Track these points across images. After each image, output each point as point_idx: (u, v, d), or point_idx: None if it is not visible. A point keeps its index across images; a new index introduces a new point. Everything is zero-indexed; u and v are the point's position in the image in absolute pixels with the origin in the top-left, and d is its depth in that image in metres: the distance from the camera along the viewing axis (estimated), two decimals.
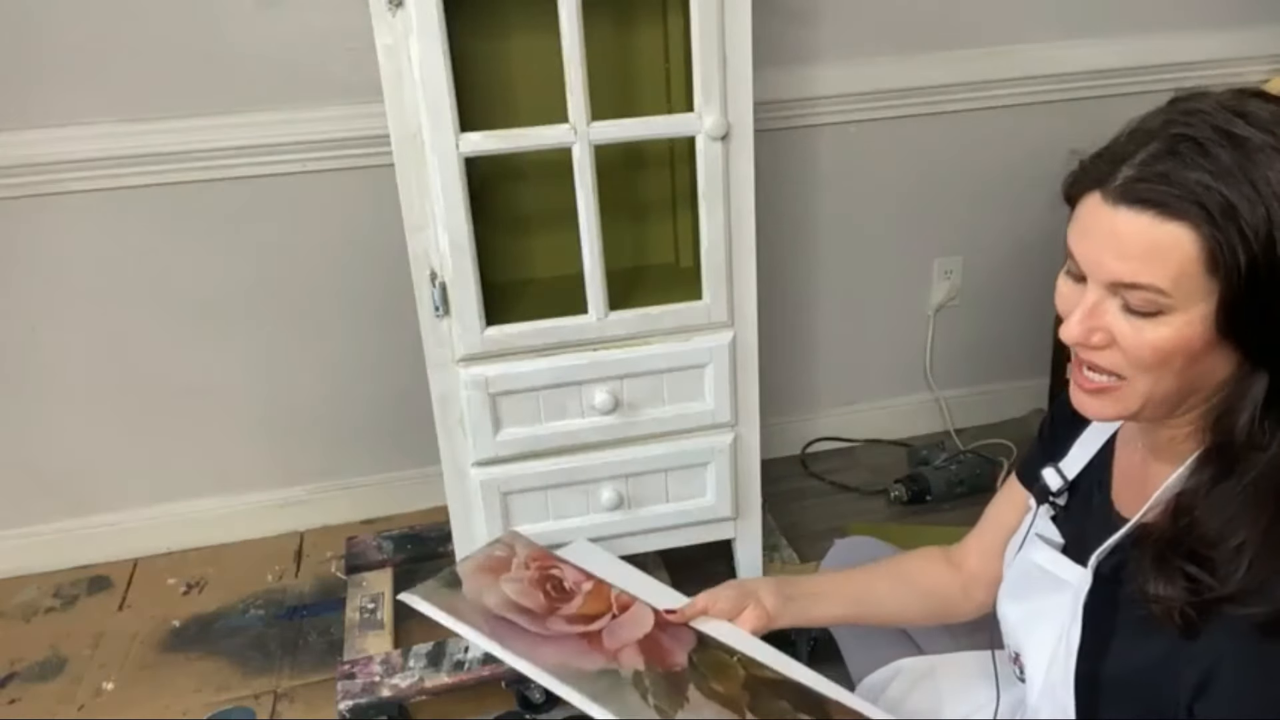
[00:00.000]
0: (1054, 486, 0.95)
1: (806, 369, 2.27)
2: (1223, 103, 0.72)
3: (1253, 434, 0.75)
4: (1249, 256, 0.68)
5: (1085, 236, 0.75)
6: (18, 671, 1.76)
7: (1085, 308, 0.75)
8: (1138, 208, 0.70)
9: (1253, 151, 0.69)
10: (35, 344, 1.88)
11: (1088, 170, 0.76)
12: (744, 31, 1.36)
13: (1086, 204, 0.75)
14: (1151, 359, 0.73)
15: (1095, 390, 0.79)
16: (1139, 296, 0.72)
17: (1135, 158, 0.72)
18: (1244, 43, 2.18)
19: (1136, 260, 0.71)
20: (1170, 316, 0.71)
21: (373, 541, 1.99)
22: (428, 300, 1.41)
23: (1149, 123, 0.74)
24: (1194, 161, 0.69)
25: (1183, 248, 0.69)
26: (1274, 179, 0.68)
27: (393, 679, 1.57)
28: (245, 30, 1.74)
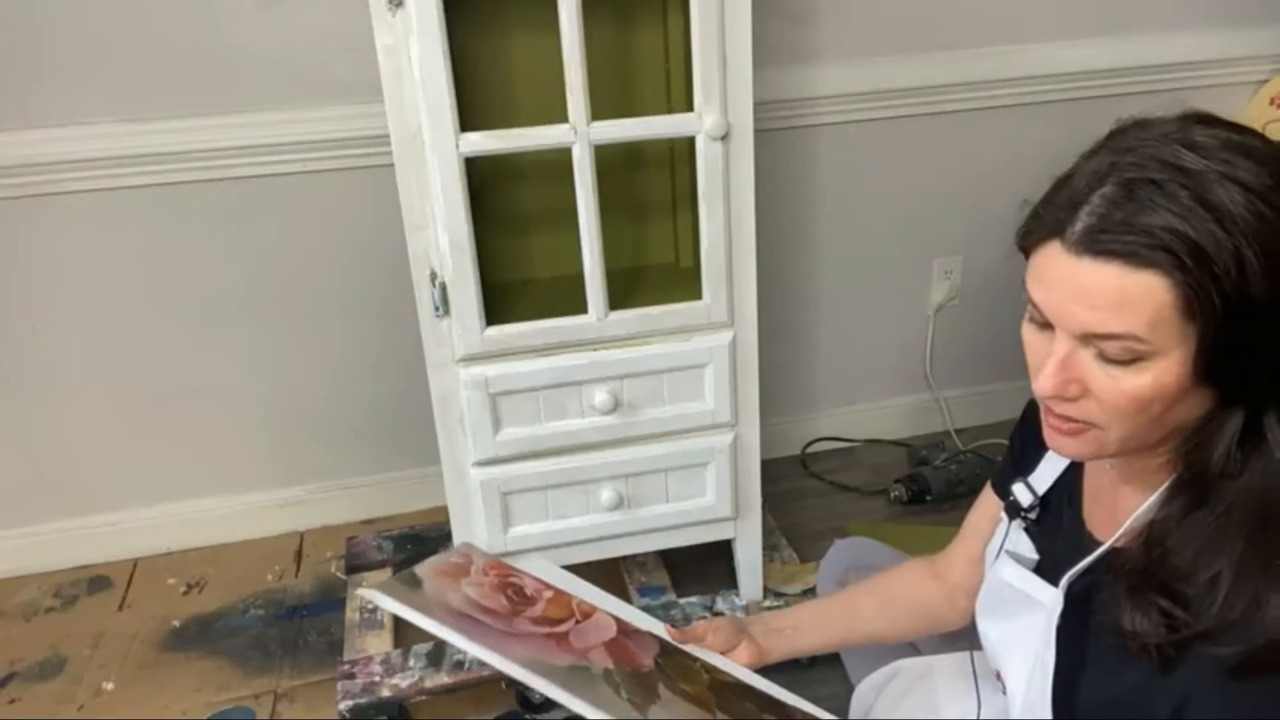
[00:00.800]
0: (1025, 502, 0.94)
1: (806, 369, 2.27)
2: (1168, 135, 0.70)
3: (1227, 465, 0.73)
4: (1223, 297, 0.66)
5: (1050, 288, 0.72)
6: (18, 671, 1.76)
7: (1058, 359, 0.72)
8: (1104, 258, 0.68)
9: (1209, 185, 0.66)
10: (35, 344, 1.88)
11: (1042, 219, 0.73)
12: (744, 31, 1.36)
13: (1046, 253, 0.72)
14: (1129, 407, 0.71)
15: (1070, 432, 0.76)
16: (1115, 346, 0.69)
17: (1090, 203, 0.69)
18: (1244, 43, 2.18)
19: (1109, 311, 0.68)
20: (1148, 363, 0.69)
21: (373, 541, 1.99)
22: (428, 300, 1.41)
23: (1097, 163, 0.71)
24: (1153, 204, 0.66)
25: (1156, 295, 0.67)
26: (1236, 211, 0.66)
27: (393, 679, 1.57)
28: (245, 30, 1.74)
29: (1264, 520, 0.71)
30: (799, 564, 1.85)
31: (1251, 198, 0.66)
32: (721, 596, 1.73)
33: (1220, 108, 2.36)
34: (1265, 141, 0.71)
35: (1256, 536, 0.71)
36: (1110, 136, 0.74)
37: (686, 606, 1.72)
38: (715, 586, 1.78)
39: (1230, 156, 0.67)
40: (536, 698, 1.62)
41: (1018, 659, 0.89)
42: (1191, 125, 0.71)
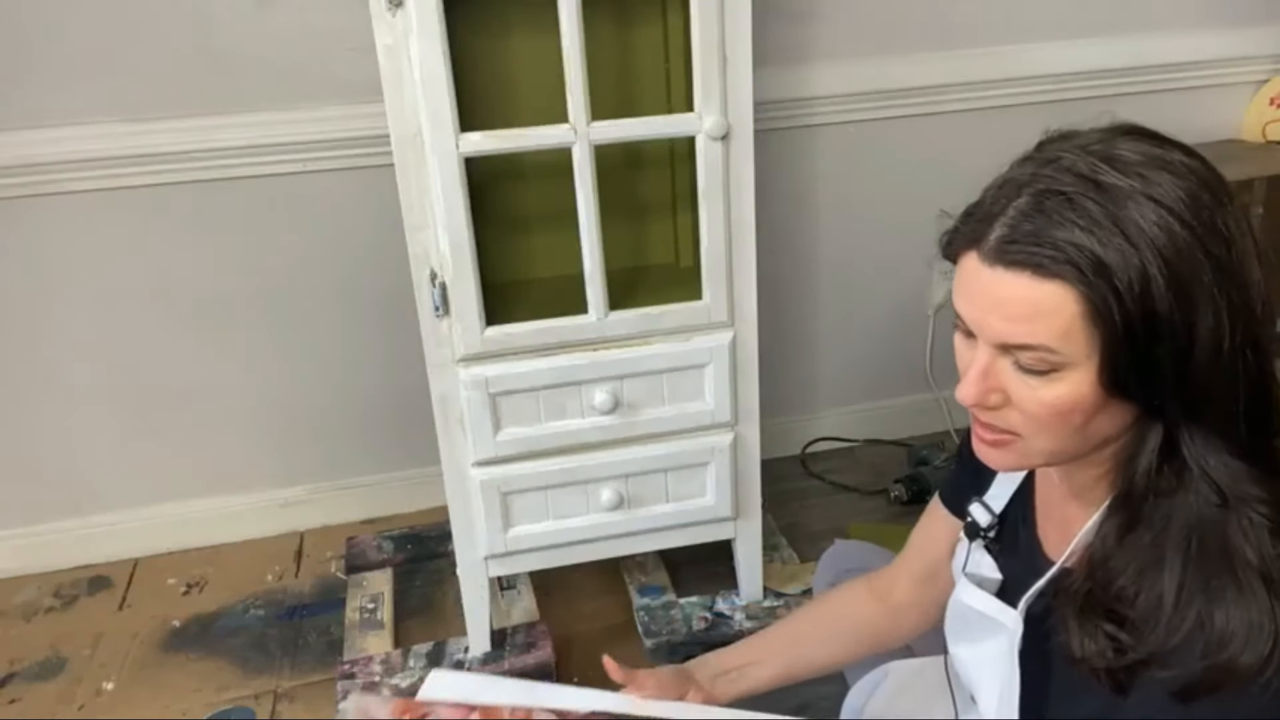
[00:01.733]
0: (983, 522, 0.93)
1: (806, 369, 2.27)
2: (1089, 148, 0.70)
3: (1153, 482, 0.73)
4: (1123, 311, 0.66)
5: (968, 298, 0.73)
6: (18, 671, 1.76)
7: (979, 368, 0.73)
8: (1014, 269, 0.68)
9: (1122, 200, 0.66)
10: (35, 343, 1.88)
11: (960, 230, 0.74)
12: (744, 31, 1.36)
13: (965, 264, 0.73)
14: (1048, 417, 0.72)
15: (994, 442, 0.77)
16: (1030, 356, 0.70)
17: (1005, 214, 0.70)
18: (1244, 43, 2.18)
19: (1021, 321, 0.69)
20: (1064, 374, 0.70)
21: (373, 541, 1.99)
22: (428, 300, 1.41)
23: (1017, 174, 0.72)
24: (1062, 217, 0.67)
25: (1065, 306, 0.67)
26: (1145, 227, 0.66)
27: (393, 679, 1.58)
28: (245, 30, 1.74)
29: (1201, 539, 0.71)
30: (799, 564, 1.85)
31: (1163, 214, 0.66)
32: (721, 596, 1.74)
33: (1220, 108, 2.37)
34: (1189, 155, 0.70)
35: (1194, 556, 0.70)
36: (1038, 147, 0.74)
37: (686, 606, 1.72)
38: (715, 586, 1.78)
39: (1148, 172, 0.67)
40: None
41: (988, 681, 0.89)
42: (1116, 138, 0.71)
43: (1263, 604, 0.67)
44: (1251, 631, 0.67)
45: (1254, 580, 0.68)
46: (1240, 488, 0.70)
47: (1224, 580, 0.69)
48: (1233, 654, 0.67)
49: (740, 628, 1.66)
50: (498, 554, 1.57)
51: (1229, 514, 0.70)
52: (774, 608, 1.70)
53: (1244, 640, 0.67)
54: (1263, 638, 0.67)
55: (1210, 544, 0.70)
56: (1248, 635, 0.67)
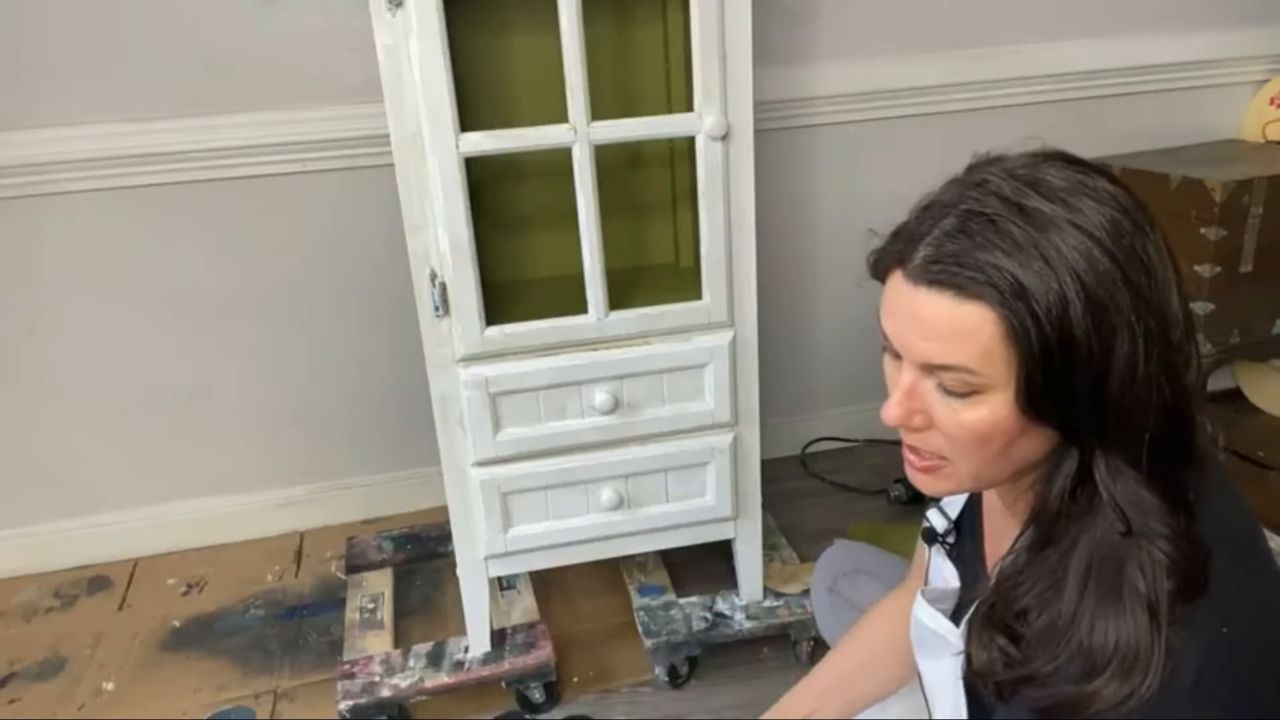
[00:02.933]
0: (939, 528, 0.94)
1: (806, 369, 2.27)
2: (1014, 172, 0.70)
3: (1066, 505, 0.73)
4: (1041, 335, 0.66)
5: (892, 317, 0.74)
6: (18, 671, 1.76)
7: (903, 389, 0.74)
8: (936, 289, 0.69)
9: (1044, 224, 0.67)
10: (35, 344, 1.88)
11: (887, 249, 0.75)
12: (744, 31, 1.36)
13: (891, 283, 0.74)
14: (970, 440, 0.72)
15: (924, 468, 0.78)
16: (951, 377, 0.70)
17: (931, 235, 0.70)
18: (1244, 43, 2.18)
19: (942, 341, 0.69)
20: (984, 396, 0.70)
21: (373, 541, 1.99)
22: (428, 300, 1.41)
23: (944, 196, 0.72)
24: (985, 239, 0.67)
25: (984, 328, 0.67)
26: (1066, 252, 0.66)
27: (393, 679, 1.57)
28: (245, 30, 1.74)
29: (1099, 564, 0.71)
30: (799, 564, 1.84)
31: (1085, 240, 0.66)
32: (721, 596, 1.74)
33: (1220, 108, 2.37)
34: (1114, 183, 0.70)
35: (1091, 581, 0.71)
36: (967, 170, 0.75)
37: (686, 606, 1.72)
38: (715, 586, 1.78)
39: (1071, 198, 0.68)
40: (537, 697, 1.62)
41: (942, 700, 0.89)
42: (1042, 163, 0.71)
43: (1141, 634, 0.67)
44: (1125, 659, 0.67)
45: (1139, 609, 0.68)
46: (1145, 520, 0.69)
47: (1110, 605, 0.69)
48: (1101, 681, 0.67)
49: (740, 628, 1.66)
50: (498, 554, 1.57)
51: (1131, 544, 0.69)
52: (774, 608, 1.70)
53: (1116, 668, 0.67)
54: (1135, 669, 0.66)
55: (1107, 570, 0.70)
56: (1120, 663, 0.67)
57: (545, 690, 1.62)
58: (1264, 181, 1.90)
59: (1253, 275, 1.96)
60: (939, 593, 0.92)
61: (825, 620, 1.33)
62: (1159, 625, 0.67)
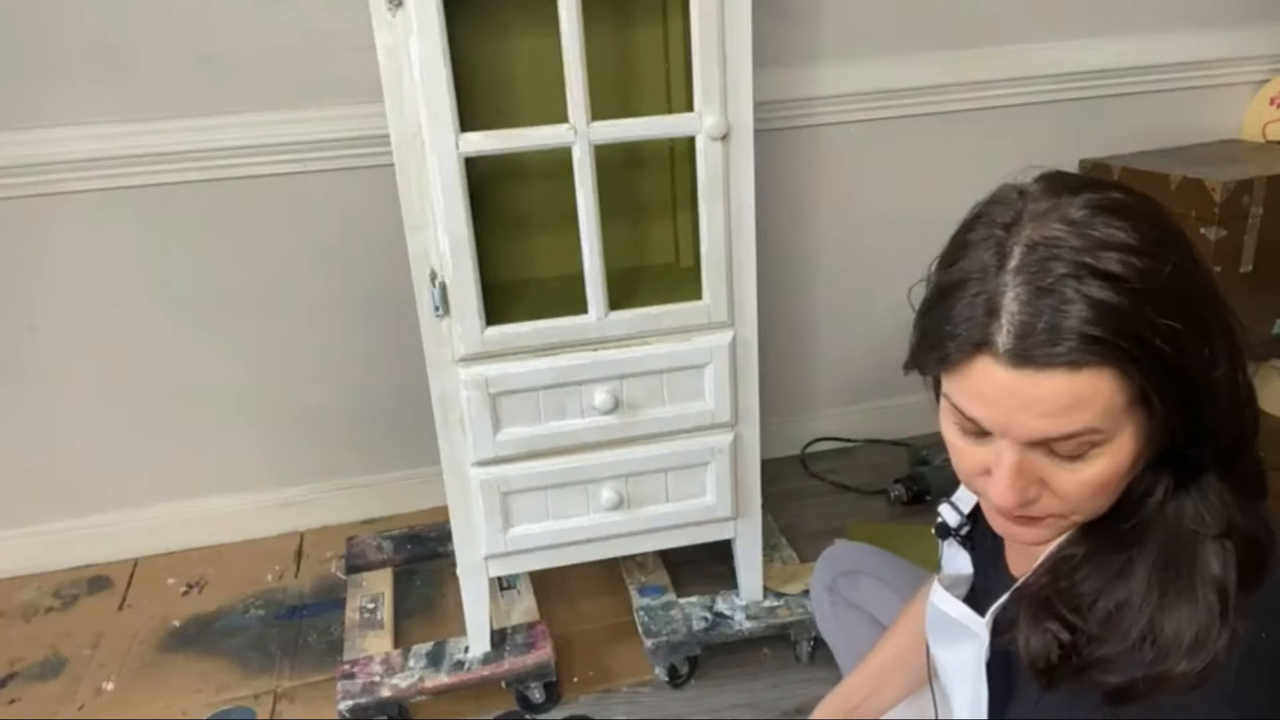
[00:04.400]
0: (953, 522, 0.94)
1: (806, 369, 2.27)
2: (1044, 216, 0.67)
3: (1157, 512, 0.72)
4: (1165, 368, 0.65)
5: (988, 403, 0.68)
6: (18, 671, 1.76)
7: (1012, 470, 0.70)
8: (1046, 368, 0.65)
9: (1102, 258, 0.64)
10: (35, 343, 1.88)
11: (955, 335, 0.68)
12: (744, 31, 1.36)
13: (976, 368, 0.68)
14: (1093, 494, 0.70)
15: (1029, 521, 0.74)
16: (1072, 444, 0.67)
17: (1007, 310, 0.66)
18: (1244, 43, 2.18)
19: (1063, 415, 0.66)
20: (1102, 448, 0.68)
21: (373, 541, 1.99)
22: (428, 300, 1.41)
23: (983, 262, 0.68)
24: (1067, 297, 0.64)
25: (1103, 387, 0.65)
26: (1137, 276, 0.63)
27: (393, 679, 1.57)
28: (245, 30, 1.74)
29: (1173, 556, 0.71)
30: (799, 564, 1.84)
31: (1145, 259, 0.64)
32: (721, 596, 1.73)
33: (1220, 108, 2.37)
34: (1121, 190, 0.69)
35: (1160, 571, 0.71)
36: (973, 226, 0.71)
37: (686, 606, 1.72)
38: (715, 586, 1.78)
39: (1109, 221, 0.66)
40: (537, 697, 1.62)
41: (959, 685, 0.89)
42: (1061, 197, 0.68)
43: (1213, 617, 0.67)
44: (1196, 643, 0.67)
45: (1210, 594, 0.68)
46: (1225, 516, 0.70)
47: (1182, 591, 0.69)
48: (1172, 664, 0.67)
49: (740, 628, 1.66)
50: (498, 554, 1.57)
51: (1209, 540, 0.70)
52: (774, 608, 1.70)
53: (1186, 651, 0.67)
54: (1205, 651, 0.66)
55: (1182, 560, 0.70)
56: (1191, 647, 0.67)
57: (545, 690, 1.62)
58: (1264, 181, 1.90)
59: (1253, 275, 1.96)
60: (953, 579, 0.92)
61: (824, 620, 1.33)
62: (1227, 609, 0.67)
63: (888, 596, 1.23)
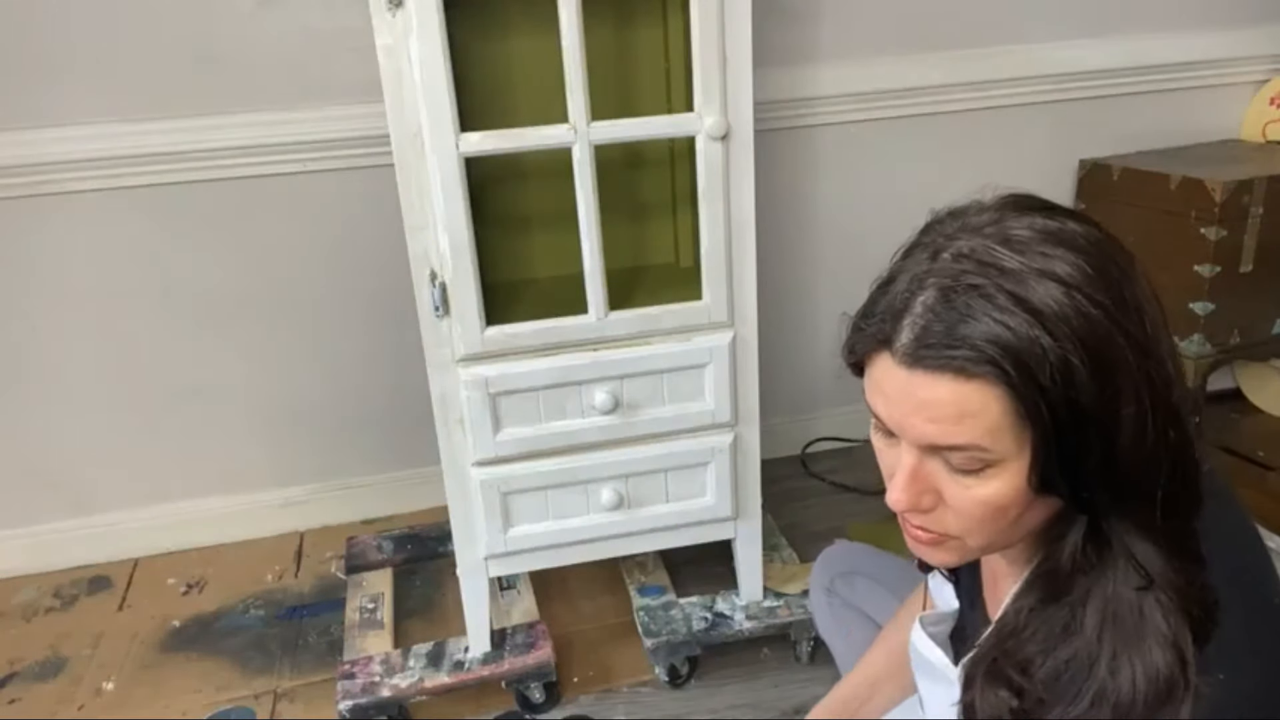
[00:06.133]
0: None
1: (806, 369, 2.27)
2: (983, 230, 0.67)
3: (1077, 562, 0.71)
4: (1050, 406, 0.63)
5: (888, 401, 0.69)
6: (18, 671, 1.76)
7: (907, 472, 0.70)
8: (935, 372, 0.65)
9: (1027, 285, 0.63)
10: (35, 344, 1.88)
11: (865, 331, 0.70)
12: (744, 31, 1.36)
13: (878, 365, 0.69)
14: (984, 515, 0.69)
15: (930, 541, 0.74)
16: (961, 456, 0.67)
17: (912, 312, 0.66)
18: (1244, 43, 2.18)
19: (949, 423, 0.66)
20: (996, 469, 0.67)
21: (373, 541, 1.99)
22: (428, 300, 1.41)
23: (914, 264, 0.69)
24: (972, 311, 0.63)
25: (991, 405, 0.64)
26: (1058, 311, 0.62)
27: (393, 679, 1.57)
28: (245, 30, 1.74)
29: (1116, 613, 0.69)
30: (799, 564, 1.84)
31: (1073, 294, 0.63)
32: (721, 596, 1.74)
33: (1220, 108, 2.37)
34: (1084, 223, 0.68)
35: (1109, 628, 0.69)
36: (925, 230, 0.71)
37: (686, 606, 1.72)
38: (715, 586, 1.78)
39: (1048, 249, 0.65)
40: (537, 697, 1.62)
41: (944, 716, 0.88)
42: (1007, 215, 0.68)
43: (1172, 670, 0.66)
44: (1155, 701, 0.66)
45: (1163, 651, 0.66)
46: (1161, 573, 0.68)
47: (1133, 649, 0.67)
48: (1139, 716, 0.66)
49: (740, 628, 1.66)
50: (498, 554, 1.57)
51: (1147, 593, 0.68)
52: (774, 608, 1.70)
53: (1145, 709, 0.66)
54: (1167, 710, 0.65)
55: (1125, 617, 0.68)
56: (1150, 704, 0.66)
57: (545, 690, 1.62)
58: (1264, 181, 1.90)
59: (1253, 275, 1.96)
60: (938, 616, 0.91)
61: (823, 620, 1.33)
62: (1185, 661, 0.66)
63: (885, 597, 1.23)
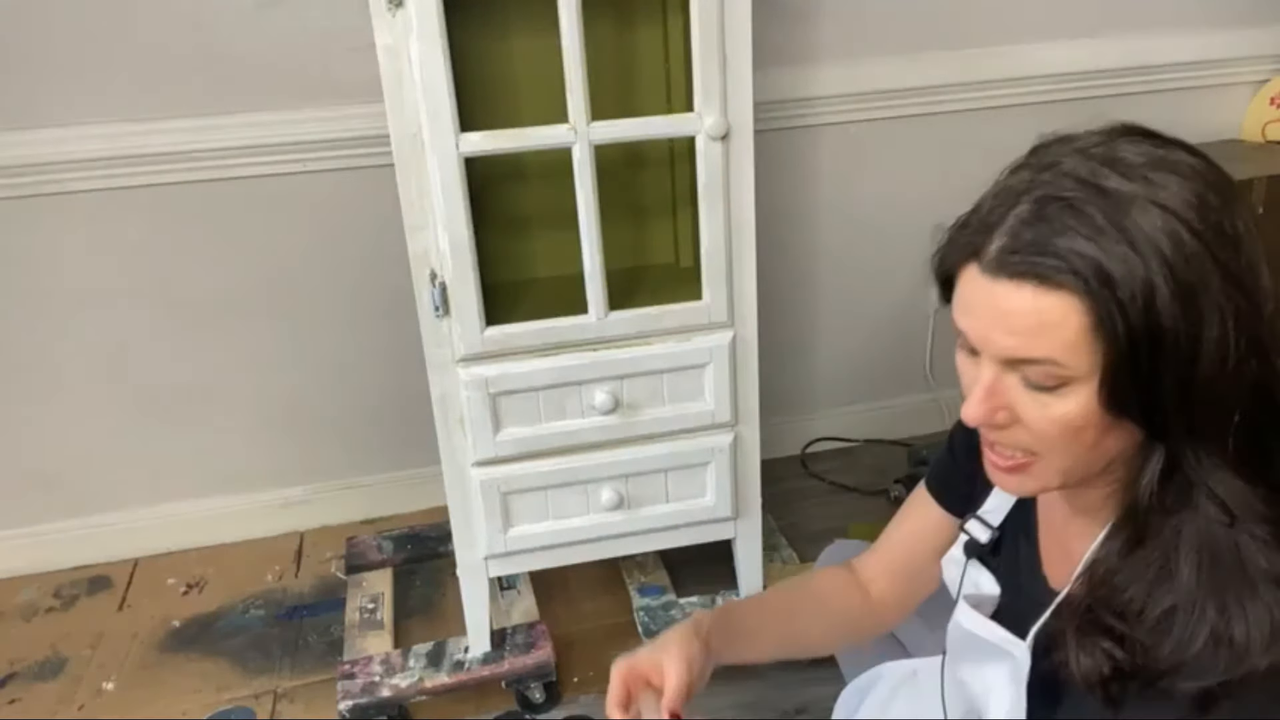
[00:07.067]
0: (983, 539, 0.91)
1: (806, 369, 2.27)
2: (1088, 151, 0.67)
3: (1158, 500, 0.71)
4: (1127, 324, 0.63)
5: (969, 313, 0.70)
6: (18, 671, 1.76)
7: (984, 386, 0.70)
8: (1017, 280, 0.65)
9: (1126, 205, 0.63)
10: (35, 344, 1.88)
11: (957, 242, 0.71)
12: (744, 31, 1.36)
13: (965, 277, 0.70)
14: (1060, 435, 0.69)
15: (1010, 467, 0.74)
16: (1036, 370, 0.67)
17: (1005, 223, 0.67)
18: (1244, 43, 2.18)
19: (1026, 335, 0.66)
20: (1072, 388, 0.67)
21: (373, 541, 1.99)
22: (428, 300, 1.41)
23: (1014, 181, 0.69)
24: (1064, 224, 0.64)
25: (1070, 318, 0.64)
26: (1151, 234, 0.63)
27: (393, 679, 1.57)
28: (245, 30, 1.74)
29: (1213, 553, 0.69)
30: (799, 564, 1.84)
31: (1171, 220, 0.63)
32: (721, 596, 1.74)
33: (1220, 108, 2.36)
34: (1193, 155, 0.68)
35: (1206, 569, 0.69)
36: (1032, 152, 0.72)
37: (686, 606, 1.72)
38: (715, 586, 1.78)
39: (1154, 175, 0.65)
40: (537, 697, 1.62)
41: (995, 704, 0.87)
42: (1117, 140, 0.68)
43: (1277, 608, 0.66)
44: (1273, 636, 0.66)
45: (1270, 588, 0.67)
46: (1248, 507, 0.67)
47: (1239, 592, 0.67)
48: (1255, 660, 0.66)
49: None
50: (498, 554, 1.57)
51: (1237, 530, 0.68)
52: None
53: (1264, 646, 0.66)
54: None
55: (1223, 558, 0.68)
56: (1268, 641, 0.66)
57: (545, 690, 1.62)
58: (1264, 181, 1.90)
59: None
60: (979, 599, 0.90)
61: None
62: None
63: None
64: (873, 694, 1.13)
